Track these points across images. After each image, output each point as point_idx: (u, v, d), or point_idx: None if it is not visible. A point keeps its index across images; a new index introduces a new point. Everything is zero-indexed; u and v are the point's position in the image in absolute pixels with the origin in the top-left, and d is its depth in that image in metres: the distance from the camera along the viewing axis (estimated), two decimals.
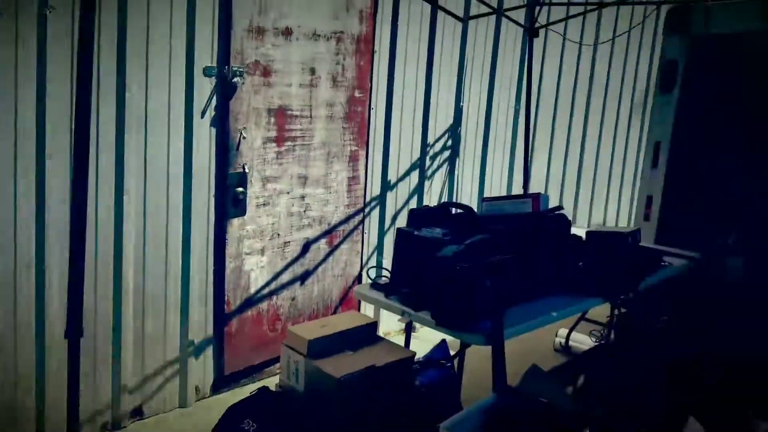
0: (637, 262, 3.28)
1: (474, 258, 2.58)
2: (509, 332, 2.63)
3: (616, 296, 3.18)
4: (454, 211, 3.29)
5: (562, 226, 3.19)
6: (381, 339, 3.08)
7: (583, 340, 4.55)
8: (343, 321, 3.06)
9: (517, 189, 5.63)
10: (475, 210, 3.21)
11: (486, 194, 5.57)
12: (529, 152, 5.26)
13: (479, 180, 5.52)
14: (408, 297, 2.89)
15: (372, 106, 4.36)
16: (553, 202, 6.17)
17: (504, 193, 5.73)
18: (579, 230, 3.34)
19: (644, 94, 6.20)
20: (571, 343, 4.62)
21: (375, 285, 3.11)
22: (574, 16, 5.35)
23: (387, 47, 4.41)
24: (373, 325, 3.10)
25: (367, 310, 4.53)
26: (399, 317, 2.91)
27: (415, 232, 3.01)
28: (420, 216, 3.21)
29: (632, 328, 4.02)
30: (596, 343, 4.31)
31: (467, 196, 5.43)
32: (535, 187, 5.99)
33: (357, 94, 4.23)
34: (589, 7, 5.23)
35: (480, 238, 2.78)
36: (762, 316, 3.36)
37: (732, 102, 4.25)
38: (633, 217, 4.45)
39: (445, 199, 5.31)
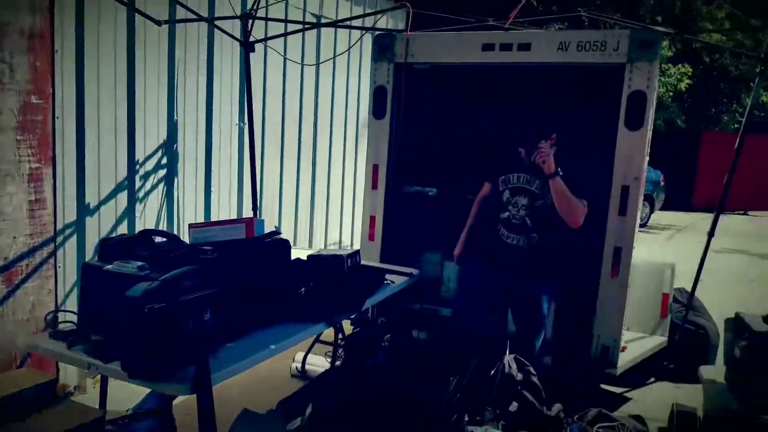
0: (358, 282, 3.23)
1: (170, 296, 2.19)
2: (220, 375, 2.33)
3: (339, 319, 3.06)
4: (157, 240, 2.85)
5: (280, 252, 2.97)
6: (63, 399, 2.48)
7: (320, 363, 4.41)
8: (14, 380, 2.40)
9: (248, 213, 5.32)
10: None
11: (214, 219, 5.15)
12: (256, 173, 4.99)
13: (204, 204, 5.08)
14: (98, 346, 2.40)
15: (57, 116, 3.65)
16: (287, 226, 6.17)
17: (235, 214, 5.40)
18: (303, 254, 3.19)
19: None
20: (307, 366, 4.45)
21: (56, 333, 2.53)
22: (292, 33, 5.27)
23: (72, 47, 3.74)
24: (52, 383, 2.48)
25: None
26: (80, 373, 2.38)
27: (105, 267, 2.51)
28: (114, 247, 2.70)
29: (359, 349, 4.00)
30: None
31: (192, 220, 4.95)
32: (268, 210, 5.77)
33: (34, 100, 3.49)
34: (306, 26, 5.20)
35: (181, 272, 2.39)
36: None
37: (438, 126, 4.58)
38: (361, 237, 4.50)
39: (164, 225, 4.76)
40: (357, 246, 4.80)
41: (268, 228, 3.03)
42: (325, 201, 6.54)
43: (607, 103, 3.67)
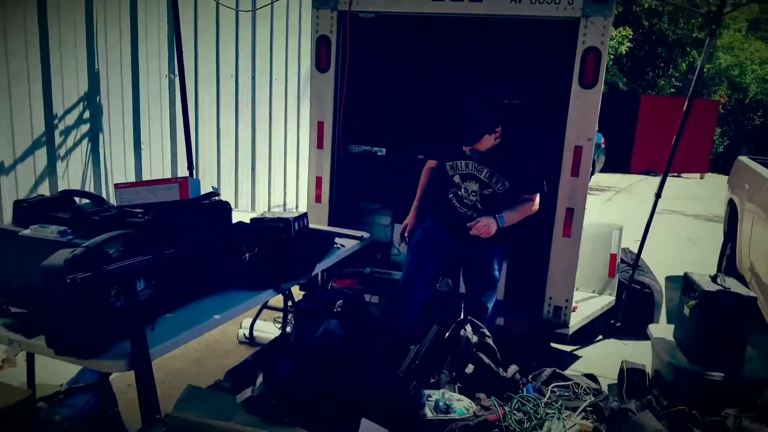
0: (306, 246, 3.04)
1: (96, 264, 1.95)
2: (160, 349, 2.14)
3: (287, 285, 2.88)
4: (79, 201, 2.58)
5: (220, 215, 2.74)
6: None
7: (269, 330, 4.22)
8: None
9: (184, 173, 5.00)
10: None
11: (146, 179, 4.81)
12: (190, 130, 4.66)
13: (135, 163, 4.73)
14: (20, 319, 2.19)
15: None
16: (227, 187, 5.86)
17: (169, 174, 5.06)
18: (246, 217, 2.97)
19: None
20: (256, 333, 4.26)
21: None
22: None
23: None
24: None
25: None
26: (5, 348, 2.13)
27: (21, 232, 2.24)
28: (30, 209, 2.42)
29: (311, 315, 3.84)
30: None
31: (121, 177, 4.59)
32: (206, 170, 5.45)
33: None
34: None
35: (108, 236, 2.15)
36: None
37: (386, 81, 4.37)
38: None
39: (90, 186, 4.40)
40: (303, 209, 4.59)
41: (206, 189, 2.78)
42: (268, 161, 6.26)
43: (560, 60, 3.56)
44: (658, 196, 4.10)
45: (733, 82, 20.97)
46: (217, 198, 2.76)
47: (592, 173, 13.16)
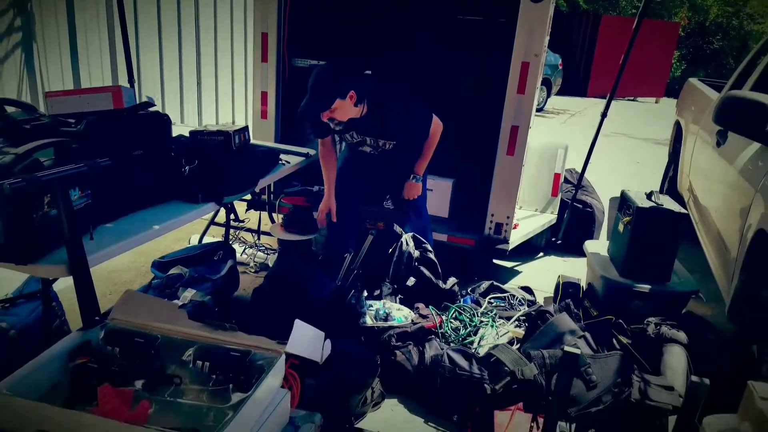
0: (249, 161, 3.02)
1: (27, 171, 1.91)
2: (100, 256, 2.15)
3: (229, 199, 2.87)
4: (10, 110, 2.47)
5: (158, 125, 2.67)
6: None
7: None
8: None
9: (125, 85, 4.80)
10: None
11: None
12: (129, 40, 4.44)
13: (73, 74, 4.52)
14: None
15: None
16: (171, 101, 5.65)
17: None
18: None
19: None
20: None
21: None
22: None
23: None
24: None
25: None
26: None
27: None
28: None
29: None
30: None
31: (59, 88, 4.38)
32: (148, 86, 5.25)
33: None
34: None
35: (40, 143, 2.09)
36: None
37: None
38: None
39: (25, 96, 4.21)
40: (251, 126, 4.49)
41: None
42: (214, 76, 6.05)
43: None
44: (603, 115, 4.16)
45: (694, 4, 20.93)
46: (154, 109, 2.68)
47: (548, 95, 13.21)
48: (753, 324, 2.53)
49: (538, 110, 12.63)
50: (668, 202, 3.23)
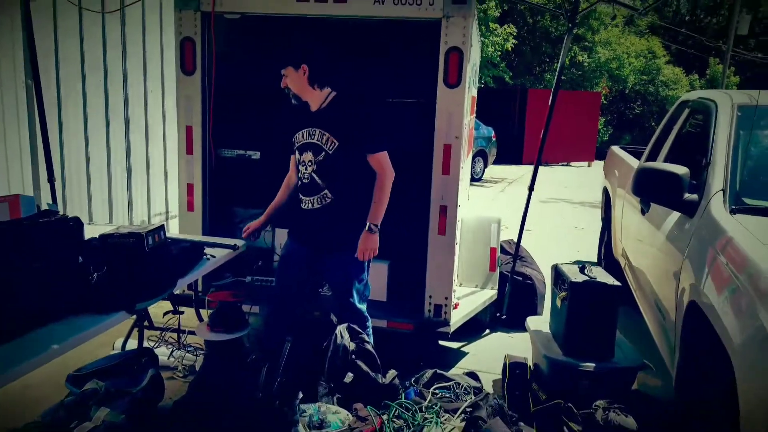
0: (166, 260, 2.84)
1: None
2: None
3: (143, 305, 2.66)
4: None
5: (63, 233, 2.49)
6: None
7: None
8: None
9: (46, 186, 4.57)
10: None
11: (2, 195, 4.36)
12: (49, 139, 4.27)
13: None
14: None
15: None
16: (99, 198, 5.44)
17: (30, 189, 4.62)
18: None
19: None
20: None
21: None
22: None
23: None
24: None
25: None
26: None
27: None
28: None
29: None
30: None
31: None
32: (73, 181, 5.03)
33: None
34: None
35: None
36: None
37: (256, 82, 4.20)
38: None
39: None
40: None
41: (72, 203, 2.52)
42: (145, 167, 5.88)
43: (425, 60, 3.57)
44: (531, 188, 4.21)
45: (613, 75, 22.35)
46: (55, 216, 2.50)
47: (485, 166, 13.59)
48: (699, 399, 2.46)
49: (476, 180, 12.97)
50: (601, 275, 3.21)
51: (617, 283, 3.12)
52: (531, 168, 4.35)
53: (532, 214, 4.27)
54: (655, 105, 22.86)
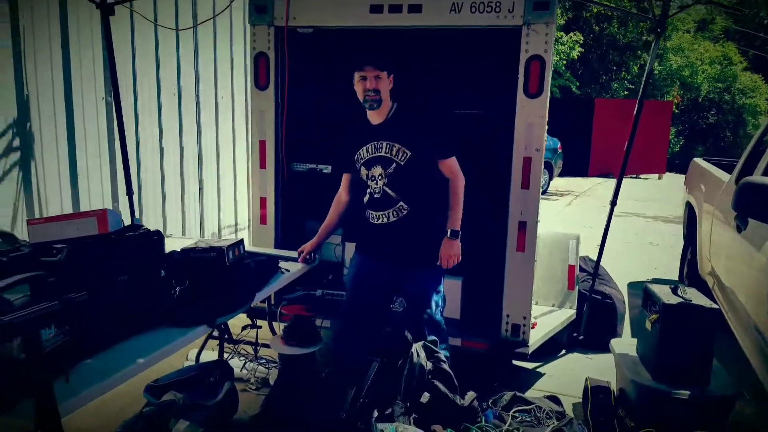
0: (245, 275, 2.84)
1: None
2: (75, 402, 1.91)
3: (222, 319, 2.67)
4: None
5: (147, 247, 2.52)
6: None
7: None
8: None
9: (124, 200, 4.72)
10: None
11: (85, 209, 4.54)
12: (128, 152, 4.41)
13: (72, 193, 4.45)
14: None
15: None
16: (173, 212, 5.59)
17: (108, 205, 4.78)
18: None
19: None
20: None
21: None
22: None
23: None
24: None
25: None
26: None
27: None
28: None
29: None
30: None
31: (57, 208, 4.33)
32: (149, 196, 5.18)
33: None
34: None
35: (11, 281, 1.93)
36: None
37: (329, 97, 4.21)
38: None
39: (25, 214, 4.12)
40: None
41: (147, 217, 2.57)
42: (216, 181, 6.01)
43: (504, 70, 3.46)
44: (613, 204, 4.02)
45: (685, 83, 21.47)
46: (142, 230, 2.54)
47: (551, 178, 13.24)
48: None
49: (541, 193, 12.62)
50: (696, 296, 3.01)
51: (715, 305, 2.91)
52: (598, 180, 4.17)
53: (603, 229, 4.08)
54: (731, 114, 21.76)
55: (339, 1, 3.53)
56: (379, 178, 3.05)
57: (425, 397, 2.91)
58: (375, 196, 3.08)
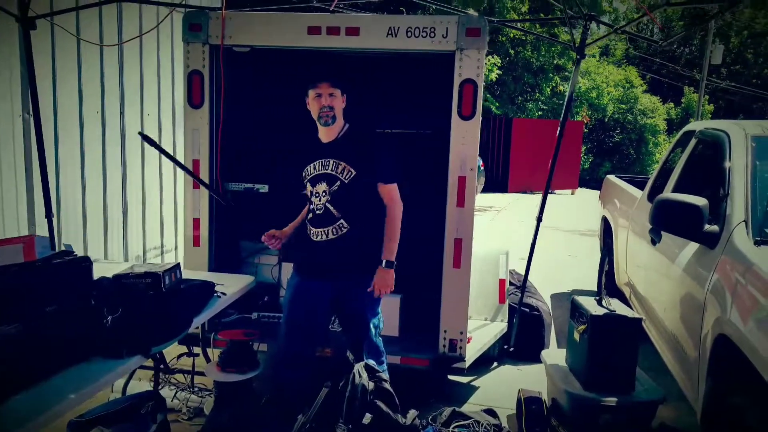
0: (180, 301, 2.75)
1: None
2: None
3: (158, 348, 2.57)
4: None
5: (76, 274, 2.40)
6: None
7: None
8: None
9: (43, 222, 4.44)
10: None
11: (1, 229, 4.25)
12: (47, 173, 4.17)
13: None
14: None
15: None
16: (95, 233, 5.32)
17: (25, 229, 4.48)
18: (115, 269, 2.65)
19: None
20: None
21: None
22: (85, 7, 4.50)
23: None
24: None
25: None
26: None
27: None
28: None
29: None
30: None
31: None
32: (69, 217, 4.91)
33: None
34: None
35: None
36: None
37: (265, 116, 4.18)
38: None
39: None
40: (182, 250, 4.24)
41: (69, 239, 2.44)
42: (141, 201, 5.78)
43: (440, 93, 3.56)
44: (539, 220, 4.20)
45: (593, 104, 22.75)
46: (71, 256, 2.41)
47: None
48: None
49: None
50: (620, 307, 3.19)
51: (638, 315, 3.10)
52: (517, 196, 4.35)
53: (526, 242, 4.26)
54: (634, 133, 23.26)
55: (276, 21, 3.53)
56: (323, 194, 3.05)
57: (367, 418, 2.90)
58: (317, 212, 3.08)
